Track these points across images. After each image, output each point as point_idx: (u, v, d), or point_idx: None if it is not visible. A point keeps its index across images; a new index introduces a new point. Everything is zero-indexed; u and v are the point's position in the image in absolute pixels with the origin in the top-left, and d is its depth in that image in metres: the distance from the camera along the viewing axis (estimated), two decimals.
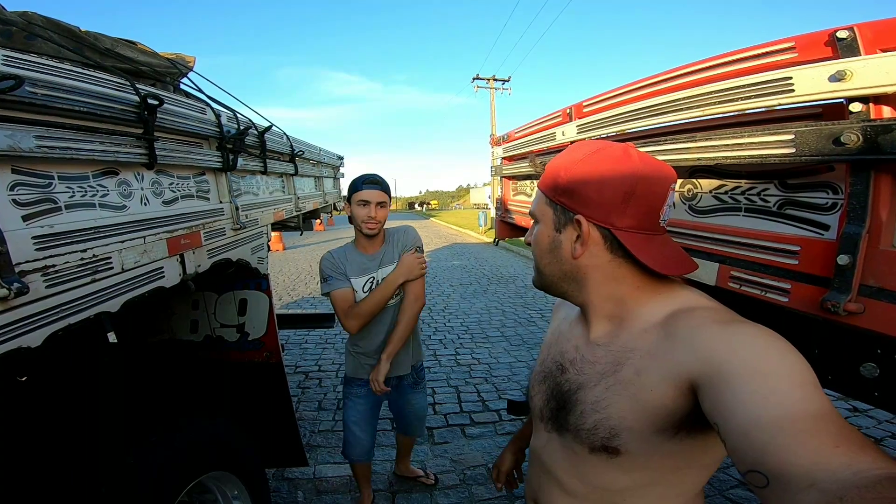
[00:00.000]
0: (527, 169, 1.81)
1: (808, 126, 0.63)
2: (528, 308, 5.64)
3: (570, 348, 0.74)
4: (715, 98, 0.75)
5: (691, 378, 0.53)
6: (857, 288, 0.61)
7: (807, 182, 0.71)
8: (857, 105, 0.57)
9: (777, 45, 0.66)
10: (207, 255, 1.38)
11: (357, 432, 1.90)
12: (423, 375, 2.00)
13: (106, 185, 0.96)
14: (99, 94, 0.88)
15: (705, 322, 0.56)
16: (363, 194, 1.68)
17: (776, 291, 0.73)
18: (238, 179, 1.68)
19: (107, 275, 0.93)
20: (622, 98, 1.04)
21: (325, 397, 3.28)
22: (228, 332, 1.98)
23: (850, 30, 0.57)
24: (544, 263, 0.71)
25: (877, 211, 0.59)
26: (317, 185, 3.03)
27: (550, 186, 0.68)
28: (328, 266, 1.75)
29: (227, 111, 1.52)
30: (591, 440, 0.64)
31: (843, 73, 0.56)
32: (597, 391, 0.64)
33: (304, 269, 8.88)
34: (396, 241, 1.82)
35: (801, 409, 0.42)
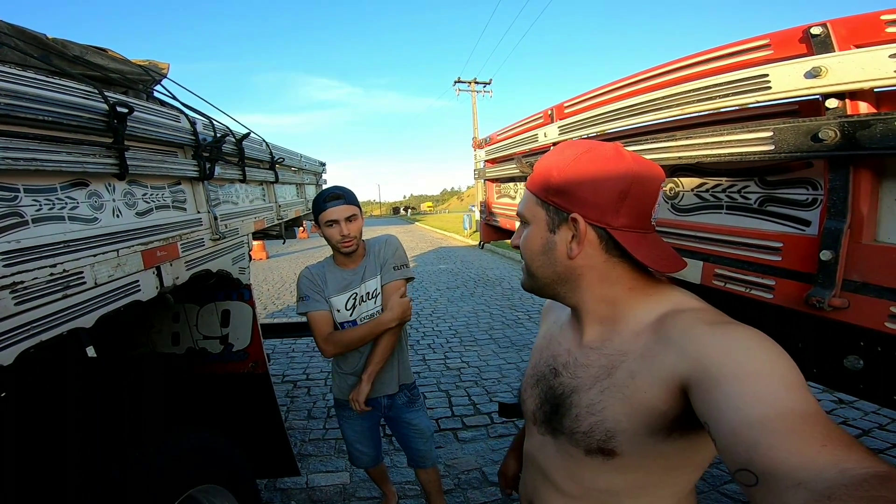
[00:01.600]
0: (510, 171, 1.81)
1: (786, 123, 0.63)
2: (515, 310, 5.65)
3: (562, 351, 0.74)
4: (693, 97, 0.76)
5: (682, 379, 0.53)
6: (841, 283, 0.61)
7: (786, 179, 0.72)
8: (834, 101, 0.57)
9: (752, 42, 0.67)
10: (186, 267, 1.34)
11: (360, 448, 1.84)
12: (417, 394, 1.85)
13: (75, 198, 0.93)
14: (65, 102, 0.85)
15: (695, 323, 0.56)
16: (329, 213, 1.55)
17: (760, 288, 0.73)
18: (216, 188, 1.65)
19: (79, 290, 0.89)
20: (602, 98, 1.05)
21: (315, 406, 3.23)
22: (211, 343, 1.93)
23: (823, 26, 0.57)
24: (537, 265, 0.69)
25: (857, 206, 0.59)
26: (298, 193, 2.99)
27: (542, 187, 0.67)
28: (306, 285, 1.65)
29: (202, 118, 1.48)
30: (586, 443, 0.65)
31: (818, 69, 0.56)
32: (591, 394, 0.64)
33: (288, 278, 8.75)
34: (378, 251, 1.71)
35: (789, 408, 0.43)
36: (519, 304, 5.89)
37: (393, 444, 2.61)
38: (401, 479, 2.32)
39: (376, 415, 1.82)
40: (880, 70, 0.51)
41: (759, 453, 0.41)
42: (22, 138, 0.77)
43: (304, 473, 2.37)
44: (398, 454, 2.51)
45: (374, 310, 1.69)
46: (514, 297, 6.37)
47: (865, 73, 0.52)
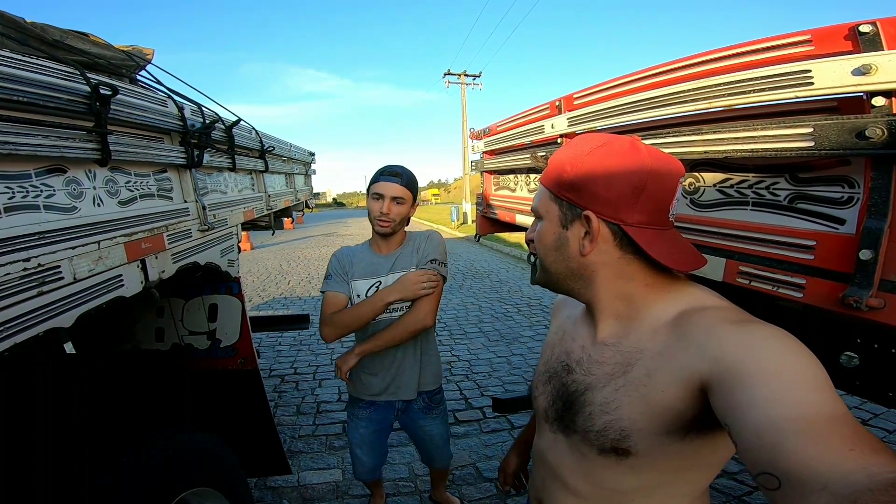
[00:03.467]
0: (511, 163, 1.77)
1: (828, 119, 0.60)
2: (504, 303, 5.66)
3: (576, 348, 0.72)
4: (724, 90, 0.72)
5: (702, 378, 0.52)
6: (879, 283, 0.59)
7: (820, 176, 0.69)
8: (881, 99, 0.55)
9: (791, 37, 0.64)
10: (172, 260, 1.26)
11: (360, 455, 1.76)
12: (439, 400, 1.75)
13: (52, 185, 0.85)
14: (42, 83, 0.77)
15: (717, 322, 0.55)
16: (378, 186, 1.48)
17: (790, 287, 0.71)
18: (203, 177, 1.56)
19: (56, 286, 0.82)
20: (618, 90, 1.01)
21: (304, 401, 3.17)
22: (198, 339, 1.86)
23: (873, 24, 0.55)
24: (550, 261, 0.68)
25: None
26: (288, 183, 2.90)
27: (555, 181, 0.66)
28: (334, 264, 1.61)
29: (190, 104, 1.40)
30: (600, 442, 0.64)
31: (868, 66, 0.54)
32: (606, 392, 0.63)
33: (274, 269, 8.60)
34: (417, 246, 1.60)
35: (815, 411, 0.42)
36: (508, 298, 5.89)
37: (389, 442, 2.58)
38: (395, 476, 2.30)
39: (387, 419, 1.74)
40: None
41: (783, 456, 0.40)
42: None
43: (296, 471, 2.32)
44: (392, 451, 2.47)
45: (398, 305, 1.57)
46: (503, 289, 6.37)
47: None
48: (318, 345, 4.31)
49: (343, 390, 3.30)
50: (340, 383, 3.42)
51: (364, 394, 1.68)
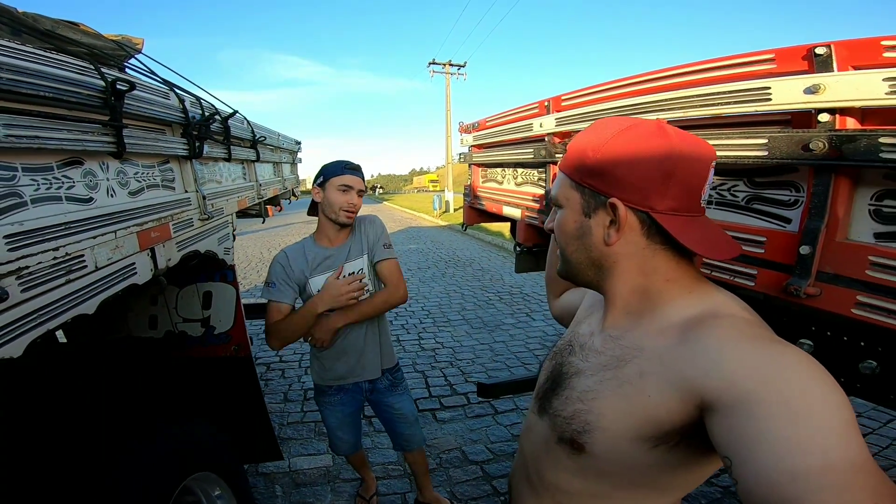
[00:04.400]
0: (499, 157, 1.85)
1: (780, 132, 0.70)
2: (486, 290, 5.78)
3: (586, 332, 0.70)
4: (696, 101, 0.82)
5: (705, 396, 0.48)
6: (815, 274, 0.70)
7: (773, 181, 0.80)
8: (826, 116, 0.65)
9: (758, 55, 0.73)
10: (177, 248, 1.31)
11: (340, 435, 1.84)
12: (401, 377, 1.85)
13: (71, 177, 0.89)
14: (64, 78, 0.81)
15: (734, 336, 0.50)
16: (346, 179, 1.56)
17: (744, 276, 0.82)
18: (201, 167, 1.59)
19: (81, 274, 0.87)
20: (602, 95, 1.10)
21: (290, 388, 3.23)
22: (192, 326, 1.89)
23: (827, 47, 0.64)
24: (571, 250, 0.65)
25: (835, 208, 0.68)
26: (276, 171, 2.92)
27: (576, 168, 0.61)
28: (277, 271, 1.60)
29: (188, 96, 1.43)
30: (562, 429, 0.63)
31: (817, 86, 0.63)
32: (591, 381, 0.62)
33: (254, 257, 8.52)
34: (364, 230, 1.67)
35: (839, 458, 0.38)
36: (490, 286, 6.02)
37: (373, 425, 2.66)
38: (383, 460, 2.38)
39: (358, 400, 1.82)
40: (873, 91, 0.58)
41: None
42: (24, 115, 0.73)
43: (286, 457, 2.37)
44: (378, 436, 2.57)
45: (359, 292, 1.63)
46: (486, 278, 6.50)
47: (859, 93, 0.59)
48: None
49: None
50: None
51: (331, 380, 1.73)
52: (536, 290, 5.73)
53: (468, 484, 2.20)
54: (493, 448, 2.48)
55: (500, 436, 2.60)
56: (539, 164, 1.51)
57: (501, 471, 2.29)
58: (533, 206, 1.59)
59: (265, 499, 2.11)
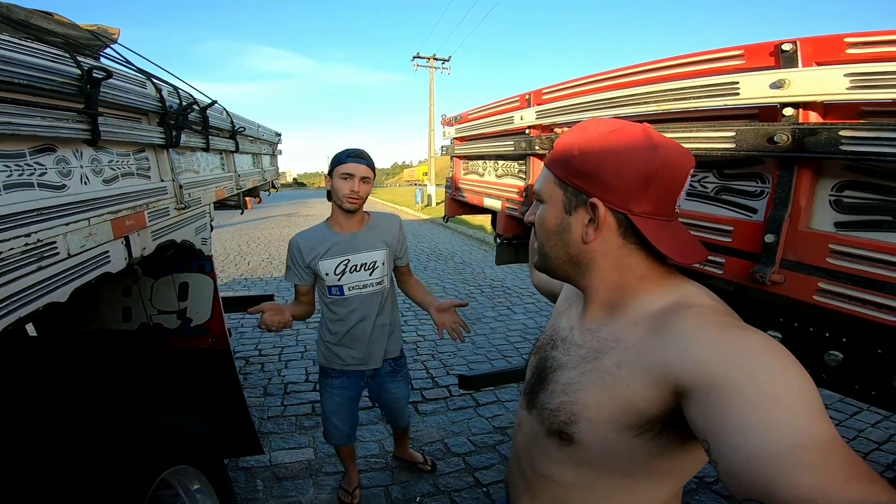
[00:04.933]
0: (480, 149, 1.87)
1: (747, 125, 0.74)
2: (467, 284, 5.82)
3: (566, 326, 0.73)
4: (669, 96, 0.85)
5: (678, 383, 0.50)
6: (780, 262, 0.74)
7: (740, 172, 0.83)
8: (790, 110, 0.68)
9: (727, 51, 0.76)
10: (152, 237, 1.28)
11: (335, 422, 1.89)
12: (402, 364, 1.95)
13: (44, 164, 0.87)
14: (39, 66, 0.79)
15: (704, 324, 0.52)
16: (347, 167, 1.61)
17: (713, 265, 0.86)
18: (178, 157, 1.56)
19: (53, 261, 0.85)
20: (581, 89, 1.12)
21: (270, 382, 3.19)
22: (167, 318, 1.85)
23: (793, 43, 0.67)
24: (550, 246, 0.66)
25: (798, 198, 0.72)
26: (255, 163, 2.87)
27: (562, 166, 0.63)
28: (290, 255, 1.74)
29: (166, 85, 1.40)
30: (550, 421, 0.64)
31: (783, 81, 0.66)
32: (573, 374, 0.64)
33: (232, 250, 8.35)
34: (386, 228, 1.77)
35: (810, 438, 0.40)
36: (471, 279, 6.06)
37: None
38: (365, 453, 2.39)
39: (359, 385, 1.88)
40: (834, 86, 0.61)
41: (779, 487, 0.39)
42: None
43: (267, 451, 2.36)
44: (361, 429, 2.56)
45: (368, 282, 1.73)
46: (467, 271, 6.53)
47: (821, 88, 0.63)
48: None
49: (311, 371, 3.35)
50: (308, 364, 3.46)
51: (336, 364, 1.81)
52: (517, 283, 5.80)
53: (451, 476, 2.23)
54: (475, 440, 2.51)
55: (482, 428, 2.63)
56: (519, 156, 1.54)
57: (484, 462, 2.32)
58: (513, 198, 1.62)
59: (246, 493, 2.09)
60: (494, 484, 2.16)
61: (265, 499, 2.08)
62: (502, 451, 2.41)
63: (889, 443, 2.47)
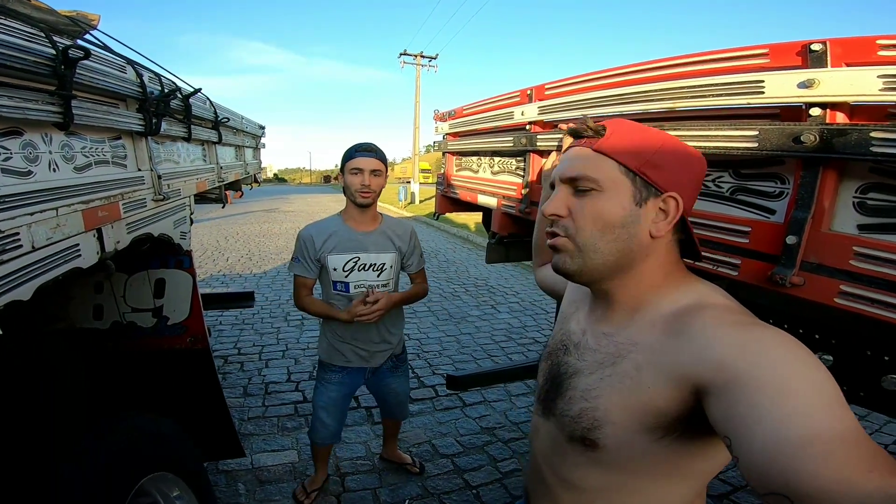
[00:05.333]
0: (476, 145, 1.83)
1: (771, 124, 0.71)
2: (451, 283, 5.78)
3: (577, 330, 0.71)
4: (687, 93, 0.82)
5: (698, 382, 0.50)
6: (800, 263, 0.72)
7: (758, 172, 0.81)
8: (818, 110, 0.66)
9: (751, 49, 0.74)
10: (127, 230, 1.19)
11: (324, 417, 1.85)
12: (403, 359, 1.95)
13: (8, 147, 0.78)
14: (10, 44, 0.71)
15: (721, 323, 0.52)
16: (356, 162, 1.60)
17: (727, 266, 0.83)
18: (157, 146, 1.46)
19: (16, 254, 0.77)
20: (589, 84, 1.09)
21: (250, 382, 3.09)
22: (142, 317, 1.76)
23: (823, 43, 0.65)
24: (608, 239, 0.60)
25: (821, 200, 0.69)
26: (237, 155, 2.76)
27: (633, 155, 0.60)
28: (301, 247, 1.70)
29: (148, 72, 1.31)
30: (571, 428, 0.63)
31: (812, 80, 0.64)
32: (591, 380, 0.63)
33: (210, 245, 8.10)
34: (400, 234, 1.76)
35: (829, 429, 0.40)
36: (455, 278, 6.03)
37: None
38: (351, 455, 2.33)
39: (357, 382, 1.86)
40: (866, 87, 0.59)
41: (799, 479, 0.38)
42: None
43: (249, 454, 2.27)
44: (347, 431, 2.50)
45: (375, 283, 1.71)
46: (451, 270, 6.50)
47: (853, 89, 0.61)
48: (263, 324, 4.18)
49: (292, 370, 3.25)
50: (289, 363, 3.37)
51: (339, 360, 1.79)
52: (501, 282, 5.79)
53: (440, 478, 2.18)
54: (462, 441, 2.48)
55: (470, 428, 2.60)
56: (518, 152, 1.50)
57: (473, 464, 2.29)
58: (510, 195, 1.58)
59: (227, 497, 2.00)
60: (484, 486, 2.13)
61: (247, 502, 2.00)
62: (491, 452, 2.38)
63: None
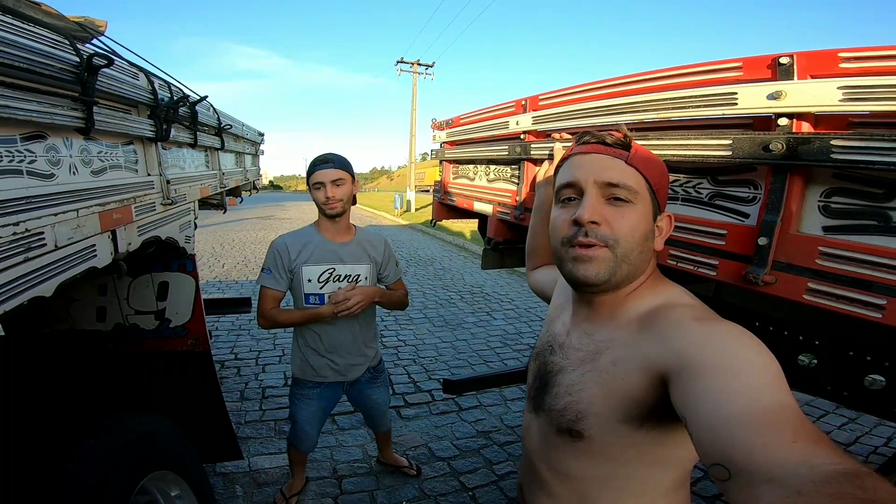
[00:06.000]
0: (472, 153, 1.89)
1: (743, 134, 0.78)
2: (447, 290, 5.82)
3: (562, 331, 0.76)
4: (670, 104, 0.88)
5: (663, 370, 0.55)
6: (771, 263, 0.78)
7: (734, 179, 0.87)
8: (785, 120, 0.72)
9: (727, 63, 0.80)
10: (138, 233, 1.24)
11: (308, 430, 1.85)
12: (381, 369, 1.95)
13: (34, 151, 0.83)
14: (39, 50, 0.76)
15: (684, 318, 0.59)
16: (316, 176, 1.59)
17: (706, 267, 0.89)
18: (164, 152, 1.52)
19: (40, 252, 0.81)
20: (580, 95, 1.16)
21: (247, 386, 3.11)
22: (145, 319, 1.78)
23: (790, 57, 0.71)
24: (637, 252, 0.65)
25: (789, 204, 0.76)
26: (238, 162, 2.81)
27: (655, 175, 0.66)
28: (273, 258, 1.65)
29: (158, 79, 1.36)
30: (559, 421, 0.67)
31: (779, 93, 0.70)
32: (574, 375, 0.68)
33: (206, 251, 8.10)
34: (374, 244, 1.75)
35: (764, 403, 0.43)
36: (451, 285, 6.07)
37: (337, 423, 2.62)
38: (348, 458, 2.35)
39: (337, 395, 1.86)
40: (827, 98, 0.66)
41: (734, 448, 0.41)
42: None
43: (246, 457, 2.28)
44: (344, 434, 2.54)
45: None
46: (447, 277, 6.55)
47: (815, 100, 0.67)
48: (259, 330, 4.19)
49: (289, 375, 3.25)
50: (286, 368, 3.38)
51: (313, 376, 1.76)
52: (497, 289, 5.84)
53: (436, 480, 2.21)
54: (458, 444, 2.51)
55: (466, 432, 2.63)
56: (513, 160, 1.56)
57: (468, 467, 2.32)
58: (505, 202, 1.64)
59: (225, 499, 2.02)
60: (480, 488, 2.16)
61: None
62: (486, 455, 2.41)
63: (856, 444, 2.59)
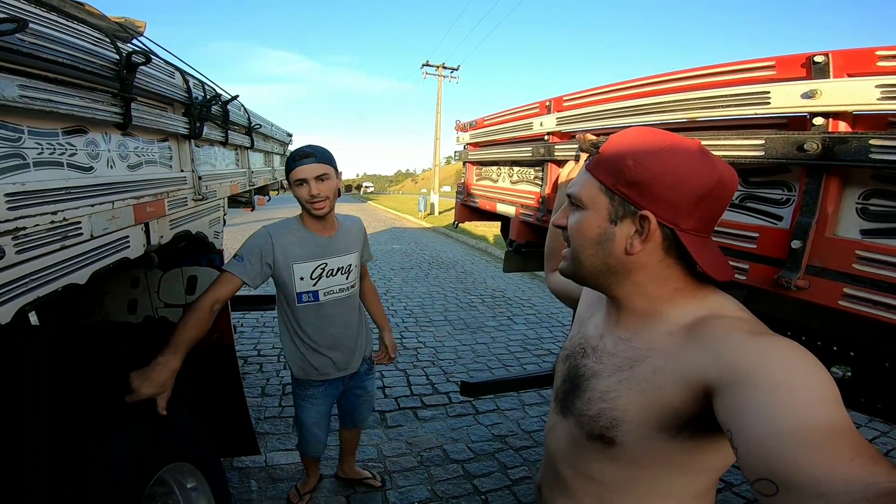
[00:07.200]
0: (496, 155, 1.89)
1: (777, 134, 0.75)
2: (468, 293, 5.81)
3: (594, 334, 0.74)
4: (699, 104, 0.86)
5: (709, 382, 0.53)
6: (805, 267, 0.74)
7: (766, 180, 0.84)
8: (820, 119, 0.69)
9: (759, 62, 0.78)
10: (170, 226, 1.29)
11: (317, 433, 1.84)
12: (373, 359, 1.95)
13: (74, 144, 0.87)
14: (81, 47, 0.80)
15: (734, 331, 0.55)
16: (297, 172, 1.45)
17: (736, 271, 0.86)
18: (197, 149, 1.57)
19: (76, 241, 0.85)
20: (606, 96, 1.14)
21: (268, 382, 3.17)
22: (173, 312, 1.84)
23: (825, 55, 0.68)
24: (587, 254, 0.65)
25: (825, 206, 0.72)
26: (266, 161, 2.89)
27: (611, 174, 0.61)
28: (256, 245, 1.51)
29: (192, 78, 1.42)
30: (590, 427, 0.66)
31: (815, 91, 0.68)
32: (609, 382, 0.65)
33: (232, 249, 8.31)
34: (353, 230, 1.71)
35: (820, 421, 0.42)
36: (472, 288, 6.05)
37: None
38: (362, 458, 2.36)
39: (339, 390, 1.85)
40: (865, 97, 0.63)
41: (783, 463, 0.40)
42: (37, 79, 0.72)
43: (263, 452, 2.32)
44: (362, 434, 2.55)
45: (344, 286, 1.67)
46: (468, 280, 6.53)
47: (852, 99, 0.64)
48: None
49: None
50: None
51: (315, 375, 1.74)
52: (518, 294, 5.79)
53: (449, 482, 2.20)
54: (473, 447, 2.49)
55: (481, 435, 2.61)
56: (537, 162, 1.55)
57: (483, 470, 2.30)
58: (529, 204, 1.62)
59: (240, 494, 2.06)
60: (493, 492, 2.14)
61: (259, 500, 2.05)
62: (501, 459, 2.39)
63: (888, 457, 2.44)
